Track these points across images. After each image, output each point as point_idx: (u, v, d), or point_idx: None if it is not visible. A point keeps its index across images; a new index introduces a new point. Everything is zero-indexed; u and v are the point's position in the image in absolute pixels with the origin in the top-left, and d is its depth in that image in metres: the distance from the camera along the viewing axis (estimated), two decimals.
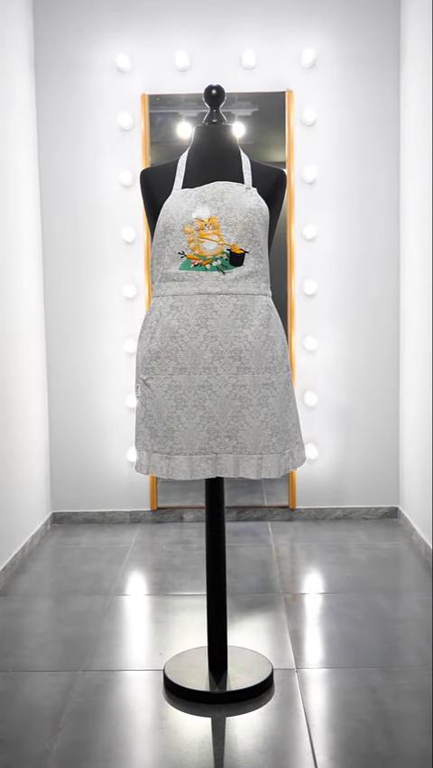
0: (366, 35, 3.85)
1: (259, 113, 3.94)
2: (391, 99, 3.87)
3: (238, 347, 2.13)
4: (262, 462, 2.16)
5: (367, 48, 3.85)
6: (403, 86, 3.81)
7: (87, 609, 2.92)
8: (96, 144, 3.91)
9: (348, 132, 3.90)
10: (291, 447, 2.24)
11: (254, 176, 2.24)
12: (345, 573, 3.26)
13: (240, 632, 2.68)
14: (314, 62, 3.85)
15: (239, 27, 3.85)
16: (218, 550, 2.34)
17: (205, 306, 2.12)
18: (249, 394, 2.14)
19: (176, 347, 2.14)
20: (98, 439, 4.04)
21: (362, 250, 3.95)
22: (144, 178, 2.27)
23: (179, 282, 2.15)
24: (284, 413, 2.22)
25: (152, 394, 2.18)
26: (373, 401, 4.02)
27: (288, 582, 3.16)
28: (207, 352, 2.12)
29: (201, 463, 2.15)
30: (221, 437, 2.15)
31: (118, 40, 3.87)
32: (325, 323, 3.98)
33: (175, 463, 2.16)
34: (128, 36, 3.87)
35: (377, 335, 3.99)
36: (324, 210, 3.93)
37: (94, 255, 3.97)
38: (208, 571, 2.35)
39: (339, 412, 4.02)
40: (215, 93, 2.24)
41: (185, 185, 2.20)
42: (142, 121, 3.87)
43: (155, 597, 3.05)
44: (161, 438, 2.17)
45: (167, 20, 3.86)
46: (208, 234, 2.12)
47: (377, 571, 3.28)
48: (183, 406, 2.14)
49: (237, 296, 2.14)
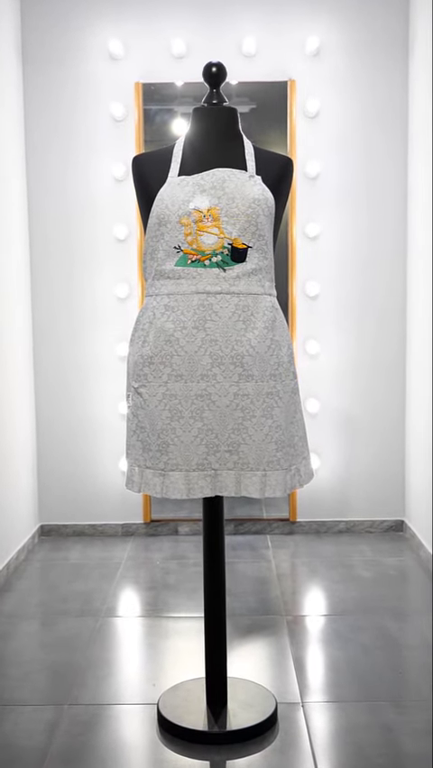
0: (373, 22, 3.65)
1: (259, 104, 3.74)
2: (400, 90, 3.68)
3: (240, 352, 1.92)
4: (267, 480, 1.96)
5: (374, 35, 3.65)
6: (412, 75, 3.62)
7: (76, 633, 2.72)
8: (87, 135, 3.71)
9: (353, 124, 3.70)
10: (298, 462, 2.04)
11: (258, 163, 2.03)
12: (350, 592, 3.05)
13: (239, 659, 2.47)
14: (318, 50, 3.65)
15: (239, 13, 3.66)
16: (217, 575, 2.14)
17: (203, 307, 1.92)
18: (252, 404, 1.94)
19: (171, 352, 1.93)
20: (89, 447, 3.84)
21: (367, 249, 3.75)
22: (137, 164, 2.07)
23: (175, 280, 1.94)
24: (290, 425, 2.02)
25: (145, 404, 1.97)
26: (377, 408, 3.82)
27: (289, 603, 2.96)
28: (205, 358, 1.92)
29: (199, 481, 1.95)
30: (221, 452, 1.94)
31: (111, 24, 3.66)
32: (328, 326, 3.78)
33: (170, 481, 1.96)
34: (122, 21, 3.67)
35: (383, 339, 3.79)
36: (327, 207, 3.73)
37: (84, 253, 3.76)
38: (206, 596, 2.14)
39: (342, 420, 3.82)
40: (215, 71, 2.04)
41: (182, 172, 2.00)
42: (135, 111, 3.66)
43: (148, 619, 2.85)
44: (155, 453, 1.97)
45: (163, 4, 3.66)
46: (207, 227, 1.92)
47: (384, 590, 3.08)
48: (179, 418, 1.93)
49: (239, 295, 1.94)
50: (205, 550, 2.13)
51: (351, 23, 3.65)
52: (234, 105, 3.62)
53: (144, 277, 2.05)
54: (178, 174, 2.00)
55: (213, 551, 2.13)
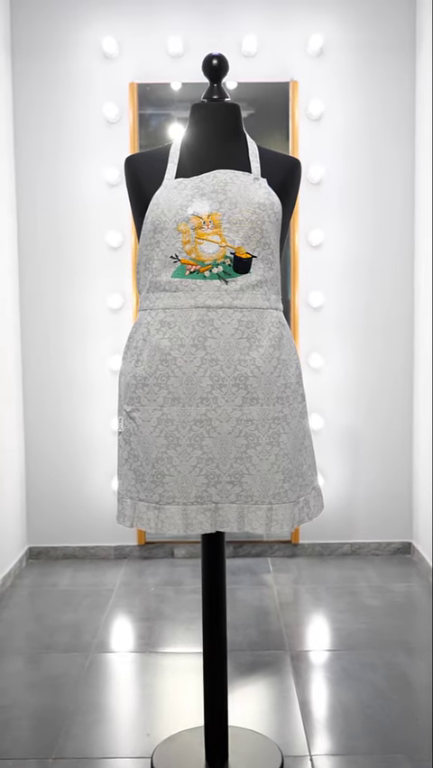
0: (379, 20, 3.48)
1: (259, 106, 3.56)
2: (407, 91, 3.51)
3: (244, 373, 1.74)
4: (272, 514, 1.77)
5: (380, 34, 3.48)
6: (420, 76, 3.44)
7: (63, 672, 2.52)
8: (79, 138, 3.53)
9: (358, 127, 3.52)
10: (307, 493, 1.85)
11: (264, 164, 1.85)
12: (358, 624, 2.86)
13: (241, 703, 2.28)
14: (321, 50, 3.48)
15: (239, 10, 3.48)
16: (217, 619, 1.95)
17: (203, 323, 1.73)
18: (256, 430, 1.75)
19: (167, 372, 1.74)
20: (80, 465, 3.64)
21: (373, 258, 3.57)
22: (130, 165, 1.88)
23: (172, 293, 1.76)
24: (298, 452, 1.83)
25: (138, 429, 1.78)
26: (384, 425, 3.63)
27: (293, 636, 2.77)
28: (205, 379, 1.73)
29: (198, 515, 1.76)
30: (222, 483, 1.75)
31: (105, 22, 3.49)
32: (332, 338, 3.60)
33: (166, 515, 1.77)
34: (116, 18, 3.49)
35: (389, 352, 3.60)
36: (331, 214, 3.55)
37: (76, 261, 3.57)
38: (205, 640, 1.95)
39: (347, 437, 3.63)
40: (216, 63, 1.85)
41: (179, 174, 1.81)
42: (130, 112, 3.48)
43: (142, 655, 2.65)
44: (149, 484, 1.77)
45: (159, 1, 3.48)
46: (208, 234, 1.73)
47: (394, 621, 2.89)
48: (176, 446, 1.74)
49: (242, 310, 1.75)
50: (204, 591, 1.94)
51: (356, 21, 3.48)
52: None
53: (138, 289, 1.86)
54: (175, 176, 1.81)
55: (213, 593, 1.93)
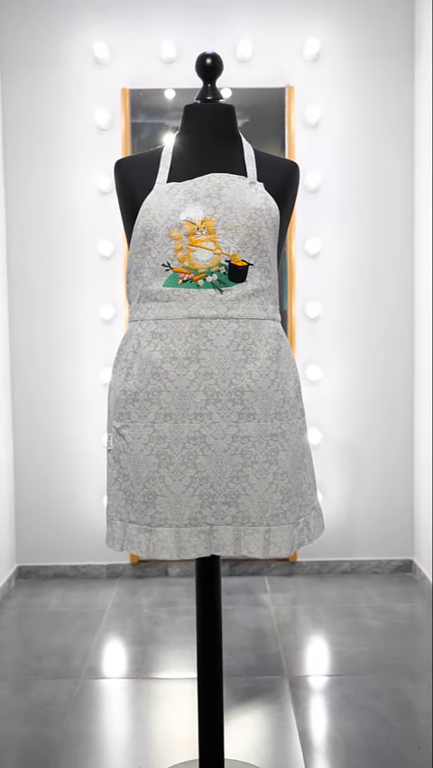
0: (377, 23, 3.40)
1: (255, 112, 3.47)
2: (406, 96, 3.43)
3: (240, 387, 1.64)
4: (271, 536, 1.67)
5: (378, 38, 3.40)
6: (419, 80, 3.36)
7: (51, 699, 2.40)
8: (70, 145, 3.44)
9: (357, 133, 3.44)
10: (306, 514, 1.75)
11: (260, 168, 1.76)
12: (360, 647, 2.75)
13: (238, 733, 2.17)
14: (318, 54, 3.40)
15: (233, 14, 3.40)
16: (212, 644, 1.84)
17: (196, 334, 1.64)
18: (253, 448, 1.65)
19: (159, 387, 1.65)
20: (71, 482, 3.53)
21: (372, 267, 3.48)
22: (120, 169, 1.78)
23: (164, 303, 1.66)
24: (298, 471, 1.73)
25: (128, 447, 1.68)
26: (384, 439, 3.53)
27: (292, 660, 2.66)
28: (199, 394, 1.63)
29: (191, 538, 1.66)
30: (217, 504, 1.65)
31: (96, 26, 3.40)
32: (330, 350, 3.50)
33: (158, 538, 1.66)
34: (107, 23, 3.40)
35: (389, 364, 3.51)
36: (329, 222, 3.46)
37: (67, 271, 3.48)
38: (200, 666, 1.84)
39: (346, 451, 3.53)
40: (209, 62, 1.77)
41: (171, 178, 1.72)
42: (122, 118, 3.39)
43: (134, 681, 2.54)
44: (140, 505, 1.67)
45: (152, 5, 3.40)
46: (201, 241, 1.64)
47: (396, 644, 2.78)
48: (168, 464, 1.64)
49: (238, 320, 1.65)
50: (198, 615, 1.83)
51: (353, 25, 3.40)
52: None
53: (128, 299, 1.76)
54: (167, 180, 1.72)
55: (207, 616, 1.83)
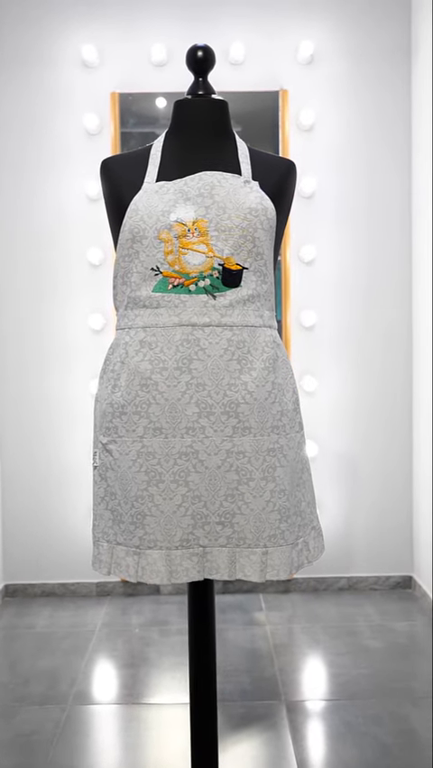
0: (372, 25, 3.32)
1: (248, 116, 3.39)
2: (402, 99, 3.35)
3: (234, 399, 1.54)
4: (268, 559, 1.57)
5: (373, 39, 3.32)
6: (415, 83, 3.28)
7: (37, 728, 2.28)
8: (58, 150, 3.34)
9: (352, 137, 3.36)
10: (306, 534, 1.65)
11: (255, 166, 1.66)
12: (358, 669, 2.64)
13: (233, 763, 2.05)
14: (312, 57, 3.31)
15: (226, 16, 3.32)
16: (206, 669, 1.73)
17: (188, 343, 1.54)
18: (249, 464, 1.54)
19: (148, 399, 1.54)
20: (60, 497, 3.42)
21: (369, 274, 3.39)
22: (106, 168, 1.69)
23: (153, 309, 1.56)
24: (296, 488, 1.63)
25: (115, 464, 1.58)
26: (382, 451, 3.43)
27: (289, 683, 2.54)
28: (190, 407, 1.53)
29: (183, 561, 1.55)
30: (211, 524, 1.55)
31: (84, 28, 3.31)
32: (326, 360, 3.41)
33: (147, 561, 1.55)
34: (96, 25, 3.32)
35: (387, 374, 3.41)
36: (324, 228, 3.37)
37: (55, 279, 3.38)
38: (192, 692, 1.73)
39: (343, 464, 3.43)
40: (201, 55, 1.67)
41: (161, 177, 1.62)
42: (111, 123, 3.30)
43: (124, 707, 2.42)
44: (128, 525, 1.57)
45: (142, 6, 3.32)
46: (193, 243, 1.54)
47: (397, 665, 2.67)
48: (158, 482, 1.54)
49: (232, 328, 1.55)
50: (191, 638, 1.72)
51: (349, 27, 3.32)
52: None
53: (115, 306, 1.66)
54: (156, 179, 1.62)
55: (200, 639, 1.72)
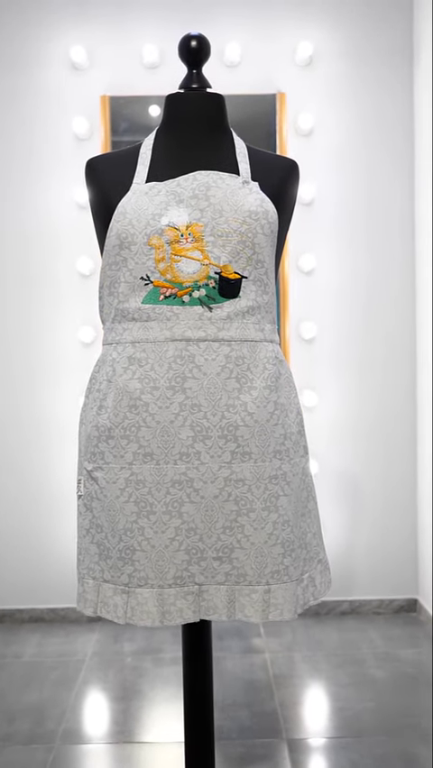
0: (373, 26, 3.20)
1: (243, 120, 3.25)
2: (404, 101, 3.22)
3: (233, 421, 1.39)
4: (271, 597, 1.42)
5: (374, 40, 3.20)
6: (417, 86, 3.16)
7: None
8: (47, 156, 3.21)
9: (352, 142, 3.23)
10: (311, 568, 1.50)
11: (254, 166, 1.53)
12: (364, 702, 2.49)
13: None
14: (311, 59, 3.19)
15: (221, 16, 3.19)
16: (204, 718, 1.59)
17: (182, 359, 1.39)
18: (249, 493, 1.40)
19: (137, 421, 1.40)
20: (49, 518, 3.26)
21: (371, 284, 3.25)
22: (92, 168, 1.55)
23: (143, 323, 1.42)
24: (301, 518, 1.48)
25: (102, 493, 1.43)
26: (384, 469, 3.29)
27: (291, 719, 2.39)
28: (184, 430, 1.39)
29: (177, 601, 1.40)
30: (207, 560, 1.40)
31: (73, 29, 3.18)
32: (326, 374, 3.27)
33: (137, 601, 1.41)
34: (85, 26, 3.19)
35: (390, 389, 3.27)
36: (324, 237, 3.24)
37: (43, 290, 3.23)
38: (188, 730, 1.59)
39: (344, 482, 3.29)
40: (195, 45, 1.54)
41: (151, 177, 1.48)
42: (102, 127, 3.17)
43: (115, 746, 2.26)
44: (116, 561, 1.42)
45: (133, 6, 3.19)
46: (186, 250, 1.40)
47: (404, 699, 2.52)
48: (149, 513, 1.39)
49: (230, 343, 1.41)
50: (186, 671, 1.58)
51: (348, 27, 3.20)
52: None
53: (101, 318, 1.52)
54: (146, 180, 1.48)
55: (196, 673, 1.57)
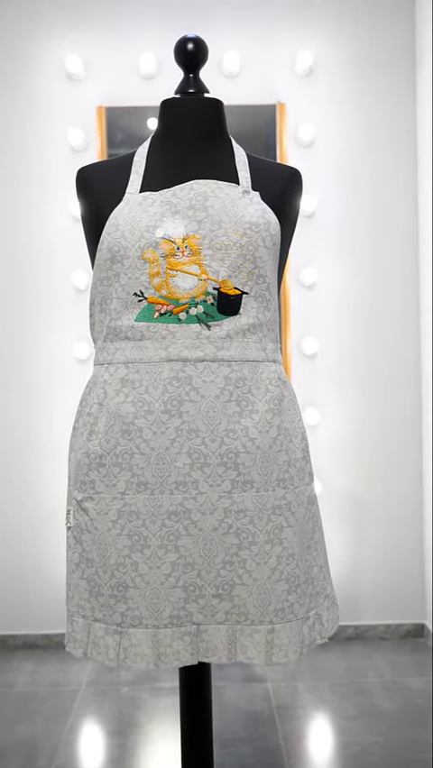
0: (374, 33, 3.12)
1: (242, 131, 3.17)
2: (408, 112, 3.14)
3: (233, 448, 1.30)
4: (275, 638, 1.31)
5: (377, 49, 3.12)
6: (421, 95, 3.08)
7: None
8: (41, 168, 3.12)
9: (355, 152, 3.14)
10: (318, 605, 1.40)
11: (255, 174, 1.44)
12: (373, 736, 2.38)
13: None
14: (311, 68, 3.11)
15: (219, 24, 3.12)
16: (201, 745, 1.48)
17: (178, 381, 1.30)
18: (251, 524, 1.30)
19: (131, 448, 1.30)
20: (44, 540, 3.15)
21: (374, 298, 3.16)
22: (83, 179, 1.46)
23: (136, 342, 1.32)
24: (307, 551, 1.38)
25: (92, 525, 1.33)
26: (389, 488, 3.19)
27: (295, 755, 2.28)
28: (181, 457, 1.29)
29: (173, 642, 1.30)
30: (206, 597, 1.30)
31: (69, 38, 3.11)
32: (329, 390, 3.17)
33: (130, 642, 1.30)
34: (81, 35, 3.11)
35: (394, 406, 3.18)
36: (326, 250, 3.15)
37: (37, 305, 3.14)
38: None
39: (348, 503, 3.18)
40: (192, 48, 1.45)
41: (145, 187, 1.39)
42: (98, 139, 3.09)
43: None
44: (107, 599, 1.32)
45: (130, 14, 3.12)
46: (183, 264, 1.31)
47: (415, 732, 2.41)
48: (143, 547, 1.29)
49: (230, 363, 1.32)
50: (183, 705, 1.47)
51: (349, 35, 3.12)
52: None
53: (93, 337, 1.42)
54: (140, 190, 1.39)
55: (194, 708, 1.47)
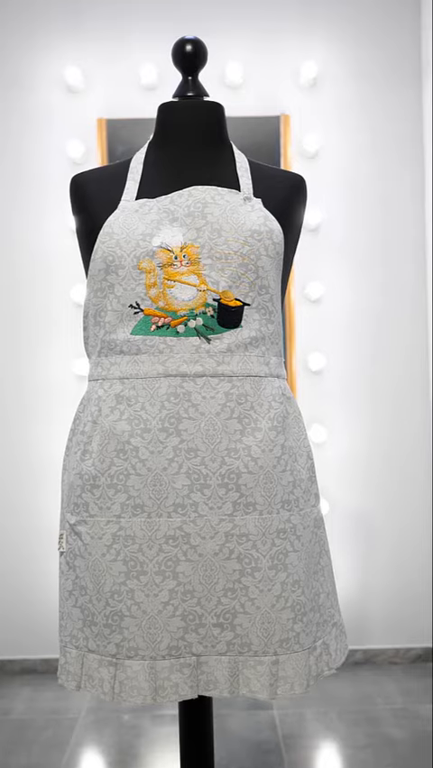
0: (381, 42, 3.07)
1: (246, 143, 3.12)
2: (415, 122, 3.08)
3: (235, 468, 1.22)
4: (279, 670, 1.24)
5: (383, 58, 3.07)
6: (427, 104, 3.02)
7: None
8: (40, 181, 3.07)
9: (361, 164, 3.09)
10: (326, 634, 1.32)
11: (257, 181, 1.37)
12: (383, 767, 2.28)
13: None
14: (316, 79, 3.06)
15: (221, 34, 3.07)
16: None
17: (176, 398, 1.23)
18: (254, 549, 1.23)
19: (126, 469, 1.23)
20: (43, 561, 3.07)
21: (381, 313, 3.09)
22: (77, 186, 1.40)
23: (132, 356, 1.25)
24: (313, 577, 1.30)
25: (86, 550, 1.26)
26: (398, 508, 3.10)
27: None
28: (180, 478, 1.22)
29: (172, 674, 1.22)
30: (206, 627, 1.22)
31: (68, 49, 3.06)
32: (335, 408, 3.09)
33: (126, 675, 1.23)
34: (80, 46, 3.07)
35: (403, 424, 3.10)
36: (332, 263, 3.09)
37: (36, 320, 3.08)
38: None
39: (355, 523, 3.10)
40: (190, 49, 1.41)
41: (142, 193, 1.32)
42: (98, 151, 3.04)
43: None
44: (102, 629, 1.24)
45: (130, 25, 3.08)
46: (181, 274, 1.24)
47: (427, 762, 2.31)
48: (139, 573, 1.22)
49: (231, 379, 1.25)
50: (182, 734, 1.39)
51: (355, 45, 3.07)
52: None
53: (87, 352, 1.35)
54: (136, 197, 1.32)
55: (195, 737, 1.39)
